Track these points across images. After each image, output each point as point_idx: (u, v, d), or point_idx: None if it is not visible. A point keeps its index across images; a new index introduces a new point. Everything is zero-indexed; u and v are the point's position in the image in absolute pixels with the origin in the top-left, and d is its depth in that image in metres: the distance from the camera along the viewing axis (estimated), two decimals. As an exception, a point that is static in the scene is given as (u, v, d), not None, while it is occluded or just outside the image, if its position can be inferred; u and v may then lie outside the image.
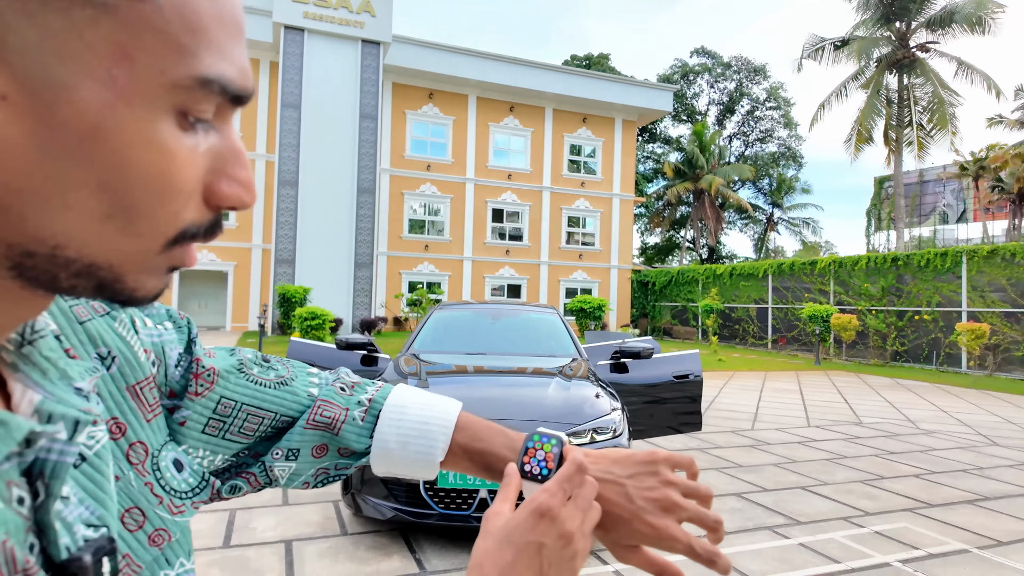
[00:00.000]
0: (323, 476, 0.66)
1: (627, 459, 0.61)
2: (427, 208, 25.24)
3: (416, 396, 0.68)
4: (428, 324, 5.18)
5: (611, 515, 0.58)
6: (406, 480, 3.36)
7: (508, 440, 0.64)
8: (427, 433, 0.64)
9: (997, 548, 3.86)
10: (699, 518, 0.59)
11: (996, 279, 15.83)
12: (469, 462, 0.65)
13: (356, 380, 0.71)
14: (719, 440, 6.80)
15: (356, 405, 0.66)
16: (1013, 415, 9.37)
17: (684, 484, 0.61)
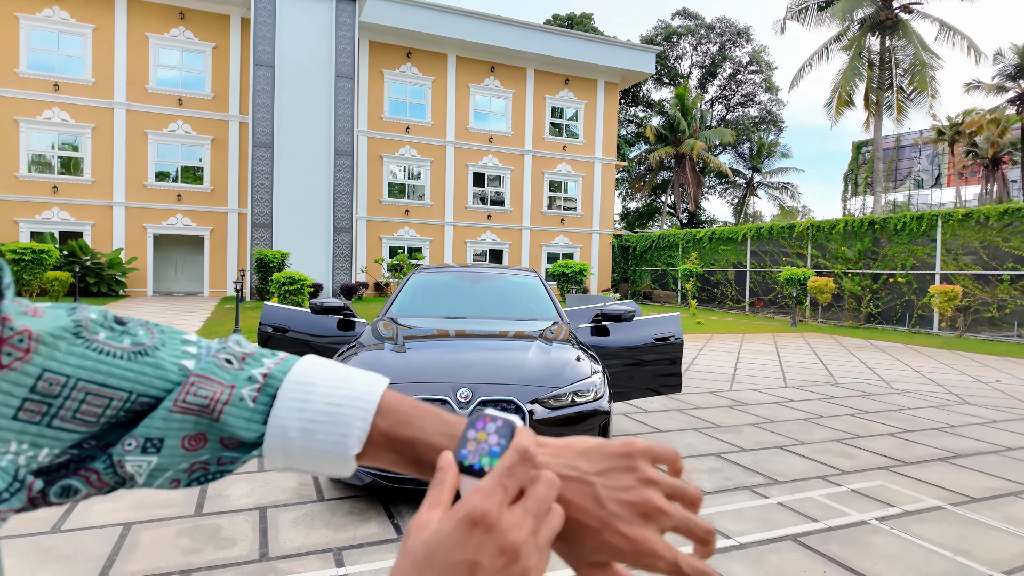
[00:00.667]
0: (200, 472, 0.52)
1: (596, 451, 0.50)
2: (407, 172, 24.78)
3: (328, 370, 0.54)
4: (407, 287, 5.05)
5: (575, 523, 0.47)
6: None
7: (444, 425, 0.52)
8: (339, 418, 0.51)
9: (971, 504, 3.92)
10: (686, 527, 0.48)
11: (969, 242, 16.06)
12: (394, 454, 0.52)
13: (250, 350, 0.56)
14: (698, 401, 6.84)
15: (246, 382, 0.51)
16: (983, 374, 9.58)
17: (668, 483, 0.49)
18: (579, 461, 0.49)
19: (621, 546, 0.46)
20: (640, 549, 0.46)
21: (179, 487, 0.52)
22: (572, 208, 27.67)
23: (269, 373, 0.53)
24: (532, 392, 3.42)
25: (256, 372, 0.53)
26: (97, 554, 2.93)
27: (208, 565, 2.86)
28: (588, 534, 0.47)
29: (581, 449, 0.50)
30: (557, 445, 0.51)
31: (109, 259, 20.08)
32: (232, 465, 0.53)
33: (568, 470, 0.48)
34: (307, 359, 0.55)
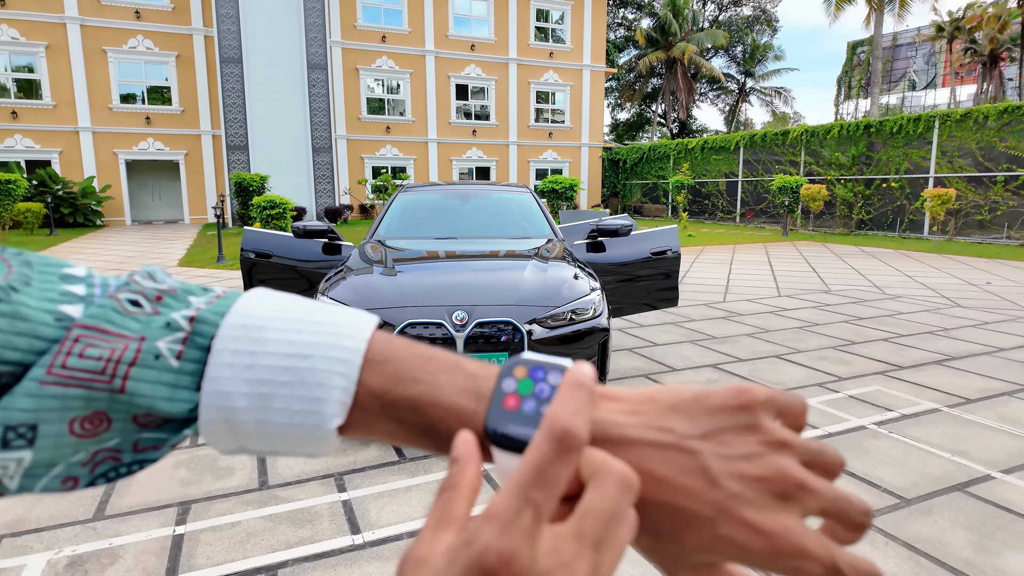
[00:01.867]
0: (108, 464, 0.37)
1: (694, 404, 0.34)
2: (385, 85, 23.48)
3: (285, 307, 0.37)
4: (393, 208, 4.81)
5: (674, 511, 0.32)
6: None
7: (465, 378, 0.36)
8: (307, 375, 0.35)
9: (965, 406, 3.94)
10: (837, 509, 0.33)
11: (966, 143, 15.79)
12: (394, 423, 0.36)
13: (169, 285, 0.38)
14: (693, 314, 6.80)
15: (164, 330, 0.35)
16: (973, 277, 9.62)
17: (803, 447, 0.34)
18: (671, 419, 0.34)
19: (748, 542, 0.31)
20: (780, 546, 0.31)
21: (77, 488, 0.36)
22: (560, 120, 26.69)
23: (198, 316, 0.36)
24: (530, 312, 3.29)
25: (178, 316, 0.36)
26: (93, 489, 2.87)
27: (207, 495, 2.81)
28: (694, 526, 0.32)
29: (672, 402, 0.35)
30: (634, 398, 0.35)
31: (82, 188, 19.38)
32: (156, 452, 0.37)
33: (656, 433, 0.33)
34: (253, 292, 0.38)
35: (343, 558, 2.38)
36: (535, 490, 0.26)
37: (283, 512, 2.68)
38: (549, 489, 0.26)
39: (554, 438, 0.27)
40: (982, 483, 2.94)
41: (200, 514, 2.67)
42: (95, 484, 0.37)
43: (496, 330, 3.21)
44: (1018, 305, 7.34)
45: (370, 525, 2.59)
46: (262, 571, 2.30)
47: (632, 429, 0.33)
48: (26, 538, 2.50)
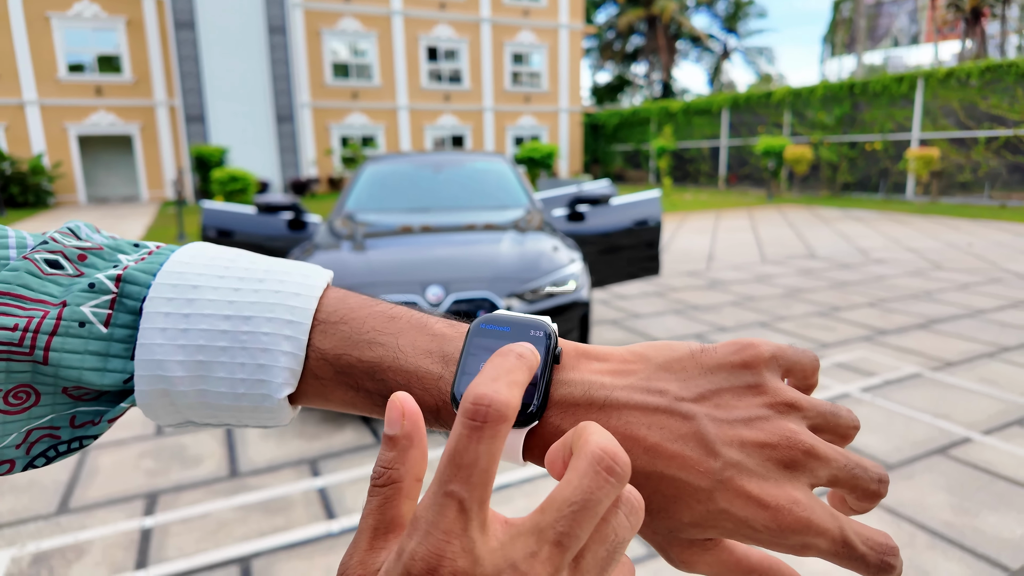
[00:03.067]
0: (47, 444, 0.33)
1: (690, 360, 0.31)
2: (351, 48, 22.28)
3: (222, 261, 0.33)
4: (361, 180, 4.64)
5: (667, 482, 0.28)
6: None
7: (429, 338, 0.32)
8: (249, 339, 0.31)
9: (947, 369, 3.94)
10: (850, 477, 0.29)
11: (949, 102, 15.74)
12: (351, 390, 0.32)
13: (95, 242, 0.34)
14: (676, 283, 6.75)
15: (87, 293, 0.31)
16: (955, 239, 9.65)
17: (814, 407, 0.30)
18: (663, 379, 0.30)
19: (749, 516, 0.28)
20: (785, 521, 0.28)
21: (13, 471, 0.32)
22: (537, 84, 25.99)
23: (124, 275, 0.32)
24: (508, 286, 3.19)
25: (102, 276, 0.31)
26: (55, 482, 2.77)
27: (175, 486, 2.72)
28: (689, 499, 0.28)
29: (665, 360, 0.31)
30: (623, 356, 0.32)
31: (31, 165, 18.59)
32: (95, 427, 0.33)
33: (646, 396, 0.30)
34: (188, 247, 0.34)
35: (319, 546, 2.31)
36: (453, 481, 0.22)
37: (255, 501, 2.59)
38: (469, 475, 0.22)
39: (466, 414, 0.23)
40: (962, 445, 2.93)
41: (168, 505, 2.58)
42: (35, 466, 0.33)
43: (473, 307, 3.11)
44: (999, 266, 7.37)
45: (346, 510, 2.52)
46: (235, 562, 2.23)
47: (619, 391, 0.30)
48: (-14, 536, 2.40)
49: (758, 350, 0.31)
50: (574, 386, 0.30)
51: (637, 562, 2.16)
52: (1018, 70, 14.30)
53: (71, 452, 0.34)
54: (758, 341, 0.31)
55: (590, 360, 0.32)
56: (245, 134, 20.04)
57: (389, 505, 0.24)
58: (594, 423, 0.25)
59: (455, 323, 0.34)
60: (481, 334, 0.31)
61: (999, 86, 14.72)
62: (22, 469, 0.33)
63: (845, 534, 0.28)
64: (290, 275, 0.33)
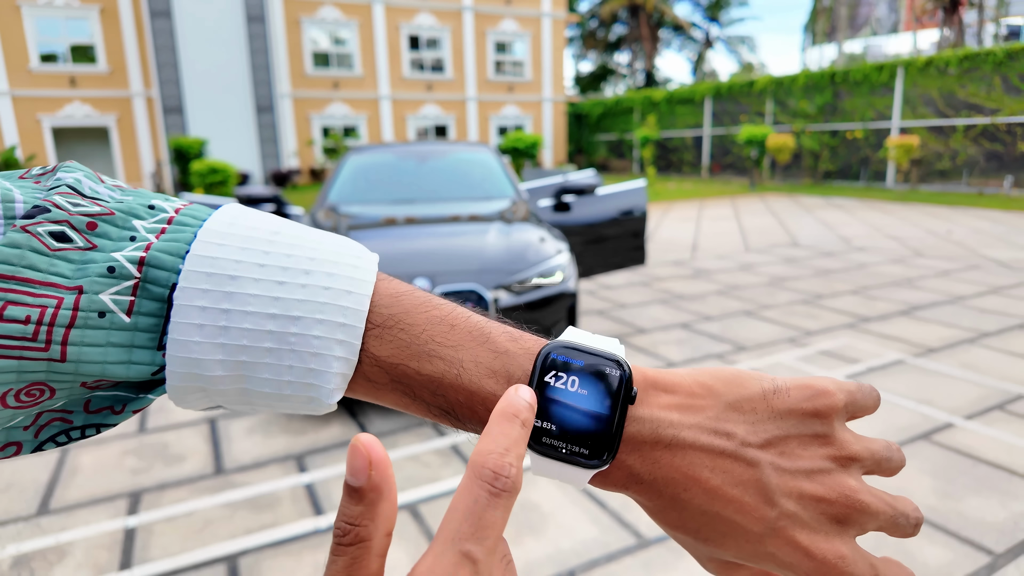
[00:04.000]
0: (58, 428, 0.30)
1: (761, 401, 0.31)
2: (331, 37, 21.90)
3: (261, 243, 0.29)
4: (344, 171, 4.57)
5: (721, 521, 0.29)
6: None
7: (493, 356, 0.31)
8: (298, 342, 0.28)
9: (929, 355, 3.99)
10: (893, 526, 0.31)
11: (928, 91, 15.90)
12: (406, 397, 0.31)
13: (103, 205, 0.29)
14: (661, 272, 6.77)
15: (106, 279, 0.27)
16: (935, 226, 9.78)
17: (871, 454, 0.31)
18: (732, 420, 0.30)
19: (795, 564, 0.29)
20: (830, 574, 0.29)
21: (20, 454, 0.30)
22: (520, 73, 25.83)
23: (148, 258, 0.28)
24: (495, 279, 3.17)
25: (122, 258, 0.28)
26: (35, 483, 2.71)
27: (159, 484, 2.68)
28: (740, 539, 0.29)
29: (735, 399, 0.31)
30: (690, 389, 0.31)
31: (3, 158, 18.09)
32: (116, 416, 0.30)
33: (713, 438, 0.30)
34: (217, 221, 0.29)
35: (306, 543, 2.29)
36: (470, 541, 0.22)
37: (241, 498, 2.56)
38: (485, 537, 0.23)
39: (485, 480, 0.24)
40: (945, 431, 2.97)
41: (152, 504, 2.53)
42: (43, 449, 0.30)
43: (460, 299, 3.08)
44: (977, 253, 7.48)
45: (334, 506, 2.50)
46: (221, 560, 2.20)
47: (687, 431, 0.30)
48: (-36, 539, 2.35)
49: (832, 400, 0.31)
50: (643, 423, 0.30)
51: (630, 552, 2.16)
52: (995, 59, 14.48)
53: (84, 437, 0.31)
54: (832, 388, 0.31)
55: (659, 392, 0.31)
56: (224, 125, 19.69)
57: (358, 566, 0.23)
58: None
59: (517, 335, 0.32)
60: (551, 365, 0.30)
61: (976, 74, 14.90)
62: (30, 452, 0.30)
63: None
64: (338, 266, 0.30)
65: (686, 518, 0.30)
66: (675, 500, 0.30)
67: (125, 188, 0.32)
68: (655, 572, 2.07)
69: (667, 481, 0.30)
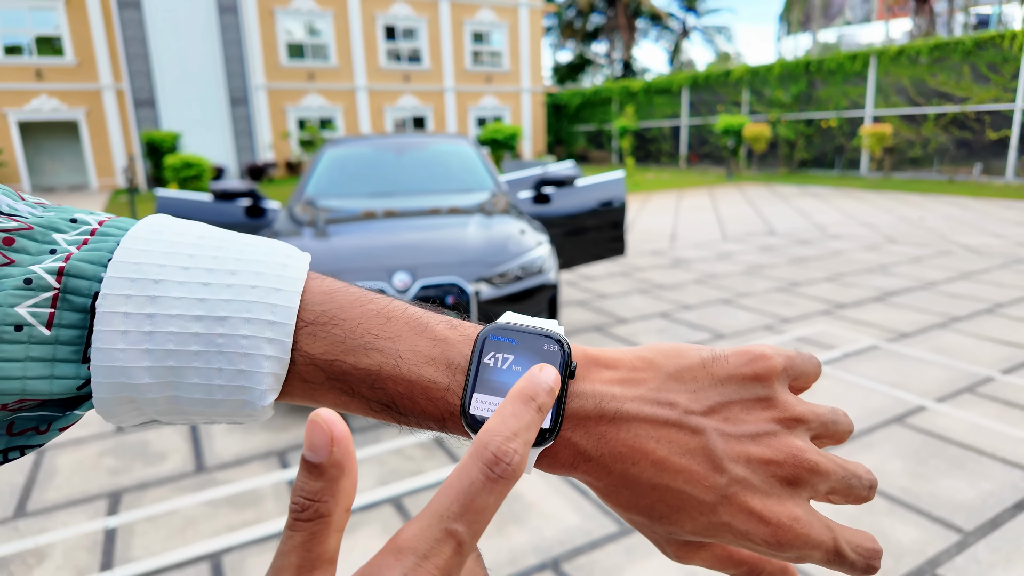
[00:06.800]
0: None
1: (701, 370, 0.31)
2: (306, 27, 21.55)
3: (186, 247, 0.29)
4: (321, 164, 4.52)
5: (672, 493, 0.29)
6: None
7: (432, 344, 0.30)
8: (226, 343, 0.28)
9: (902, 340, 4.08)
10: (847, 487, 0.31)
11: (900, 80, 16.15)
12: (347, 396, 0.30)
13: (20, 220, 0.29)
14: (640, 263, 6.82)
15: (23, 291, 0.26)
16: (907, 213, 9.98)
17: (818, 417, 0.31)
18: (673, 390, 0.30)
19: (750, 531, 0.29)
20: (784, 537, 0.29)
21: None
22: (498, 64, 25.72)
23: (68, 268, 0.27)
24: (476, 271, 3.17)
25: (40, 270, 0.27)
26: (10, 485, 2.66)
27: (139, 483, 2.65)
28: (692, 511, 0.29)
29: (675, 369, 0.31)
30: (632, 364, 0.31)
31: None
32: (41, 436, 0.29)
33: (656, 408, 0.30)
34: (140, 228, 0.29)
35: (290, 539, 2.28)
36: (459, 522, 0.22)
37: (223, 495, 2.54)
38: (475, 522, 0.22)
39: (484, 462, 0.23)
40: (917, 414, 3.05)
41: (133, 503, 2.51)
42: None
43: (441, 292, 3.08)
44: (948, 239, 7.64)
45: (317, 502, 2.49)
46: (204, 559, 2.18)
47: (630, 403, 0.30)
48: (-62, 544, 2.30)
49: (771, 363, 0.31)
50: (586, 399, 0.30)
51: (612, 539, 2.20)
52: (964, 48, 14.75)
53: (7, 462, 0.29)
54: (770, 352, 0.31)
55: (600, 368, 0.31)
56: (198, 118, 19.34)
57: (315, 542, 0.22)
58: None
59: (455, 323, 0.32)
60: (491, 346, 0.30)
61: (947, 63, 15.17)
62: None
63: (838, 544, 0.29)
64: (266, 265, 0.29)
65: (638, 495, 0.30)
66: (624, 476, 0.29)
67: (47, 205, 0.31)
68: (637, 558, 2.10)
69: (614, 456, 0.29)
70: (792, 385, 0.33)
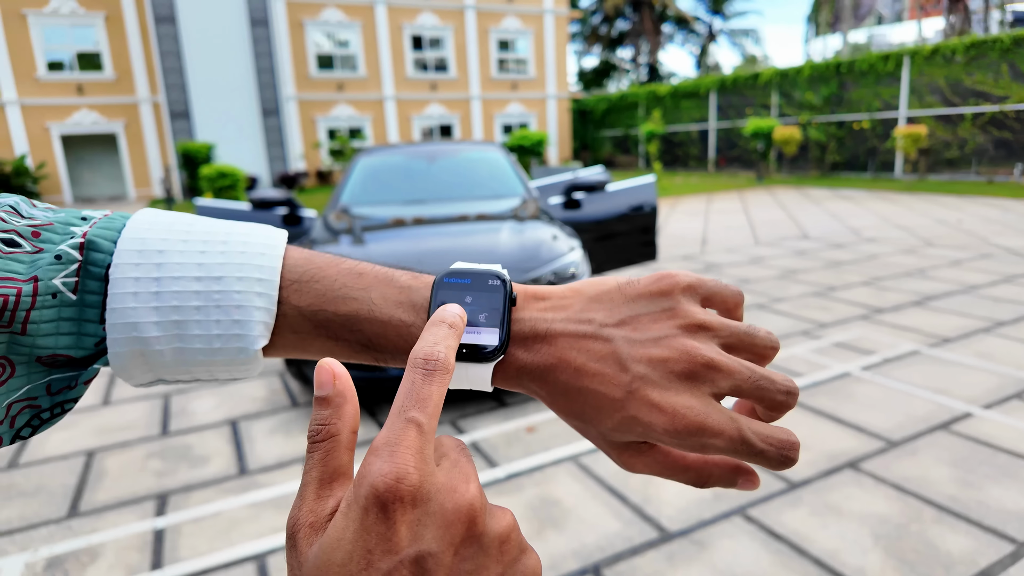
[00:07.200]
0: (29, 414, 0.34)
1: (616, 293, 0.36)
2: (334, 39, 21.93)
3: (181, 227, 0.35)
4: (355, 173, 4.60)
5: (590, 394, 0.34)
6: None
7: (397, 290, 0.36)
8: (222, 298, 0.33)
9: (944, 345, 3.98)
10: (755, 387, 0.33)
11: (935, 80, 15.79)
12: (329, 340, 0.36)
13: (44, 217, 0.35)
14: (671, 267, 6.77)
15: (54, 266, 0.32)
16: (945, 216, 9.73)
17: (726, 327, 0.35)
18: (592, 310, 0.35)
19: (652, 420, 0.32)
20: (680, 423, 0.32)
21: (1, 446, 0.34)
22: (524, 70, 25.78)
23: (87, 242, 0.33)
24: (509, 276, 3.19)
25: (66, 247, 0.33)
26: (63, 486, 2.75)
27: (184, 486, 2.72)
28: (608, 408, 0.33)
29: (595, 293, 0.36)
30: (560, 293, 0.37)
31: (14, 166, 18.22)
32: (73, 392, 0.35)
33: (577, 325, 0.35)
34: (142, 214, 0.35)
35: (331, 541, 2.31)
36: (412, 410, 0.26)
37: (266, 498, 2.59)
38: (425, 407, 0.26)
39: (418, 366, 0.28)
40: (963, 420, 2.97)
41: (179, 505, 2.57)
42: (22, 436, 0.35)
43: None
44: (989, 241, 7.44)
45: (357, 505, 2.52)
46: (250, 560, 2.23)
47: (556, 323, 0.35)
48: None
49: (675, 279, 0.35)
50: (523, 323, 0.35)
51: (653, 545, 2.18)
52: (1002, 45, 14.37)
53: (54, 419, 0.35)
54: (677, 272, 0.36)
55: (534, 299, 0.36)
56: (231, 129, 19.81)
57: (330, 457, 0.27)
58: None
59: (418, 275, 0.37)
60: (446, 287, 0.35)
61: (984, 62, 14.79)
62: (10, 442, 0.34)
63: (743, 433, 0.32)
64: (252, 236, 0.35)
65: (570, 400, 0.34)
66: (556, 384, 0.34)
67: (56, 208, 0.36)
68: (679, 565, 2.09)
69: (547, 367, 0.34)
70: (715, 308, 0.36)
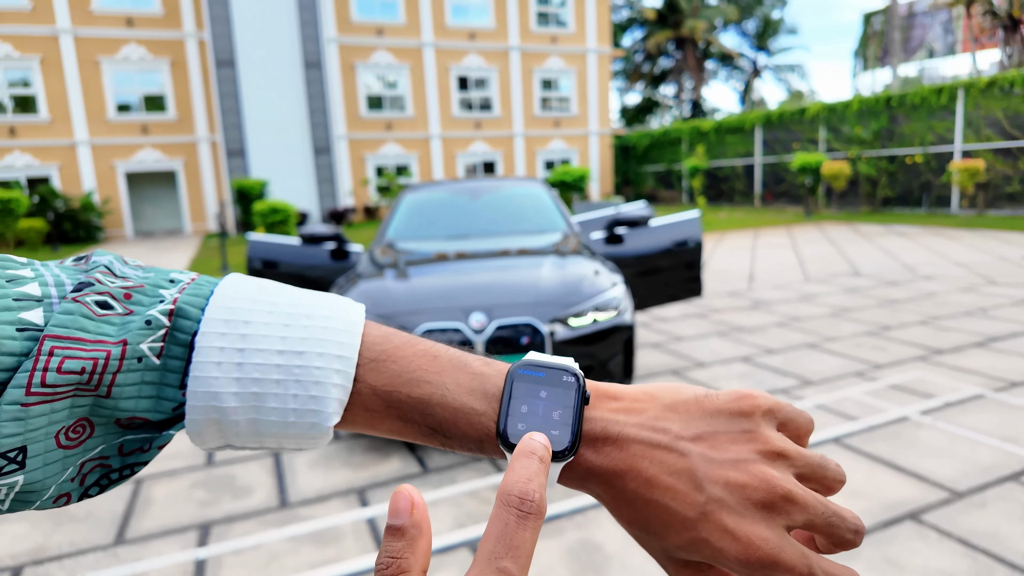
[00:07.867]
0: (99, 473, 0.35)
1: (694, 405, 0.35)
2: (383, 80, 22.82)
3: (267, 296, 0.35)
4: (400, 209, 4.70)
5: (660, 508, 0.33)
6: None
7: (471, 377, 0.36)
8: (301, 374, 0.33)
9: (1011, 389, 3.75)
10: (827, 526, 0.33)
11: (991, 112, 15.30)
12: (399, 421, 0.36)
13: (135, 278, 0.35)
14: (717, 304, 6.63)
15: (143, 331, 0.32)
16: (1007, 253, 9.29)
17: (803, 458, 0.34)
18: (668, 419, 0.35)
19: (724, 547, 0.32)
20: (753, 554, 0.31)
21: (70, 503, 0.34)
22: (566, 108, 26.14)
23: (177, 308, 0.34)
24: (550, 311, 3.17)
25: (156, 312, 0.33)
26: (111, 513, 2.82)
27: (227, 516, 2.74)
28: (677, 526, 0.33)
29: (671, 401, 0.36)
30: (634, 396, 0.36)
31: (82, 202, 19.37)
32: (144, 454, 0.35)
33: (651, 433, 0.34)
34: (230, 280, 0.36)
35: (368, 578, 2.29)
36: (505, 559, 0.26)
37: (306, 532, 2.60)
38: (518, 557, 0.26)
39: (512, 505, 0.28)
40: (1037, 472, 2.77)
41: (221, 536, 2.60)
42: (89, 495, 0.35)
43: (516, 332, 3.09)
44: (1058, 278, 7.06)
45: (395, 542, 2.50)
46: (286, 594, 2.22)
47: (629, 428, 0.34)
48: (48, 566, 2.45)
49: (756, 401, 0.35)
50: (595, 423, 0.35)
51: None
52: (1065, 77, 13.86)
53: (122, 479, 0.35)
54: (757, 393, 0.35)
55: (608, 399, 0.36)
56: (284, 166, 20.62)
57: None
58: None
59: (491, 361, 0.37)
60: (520, 379, 0.35)
61: (1045, 94, 14.28)
62: (77, 500, 0.35)
63: (812, 571, 0.31)
64: (335, 310, 0.35)
65: (635, 510, 0.34)
66: (624, 491, 0.34)
67: (145, 267, 0.38)
68: (727, 618, 1.98)
69: (616, 473, 0.34)
70: (787, 434, 0.36)
